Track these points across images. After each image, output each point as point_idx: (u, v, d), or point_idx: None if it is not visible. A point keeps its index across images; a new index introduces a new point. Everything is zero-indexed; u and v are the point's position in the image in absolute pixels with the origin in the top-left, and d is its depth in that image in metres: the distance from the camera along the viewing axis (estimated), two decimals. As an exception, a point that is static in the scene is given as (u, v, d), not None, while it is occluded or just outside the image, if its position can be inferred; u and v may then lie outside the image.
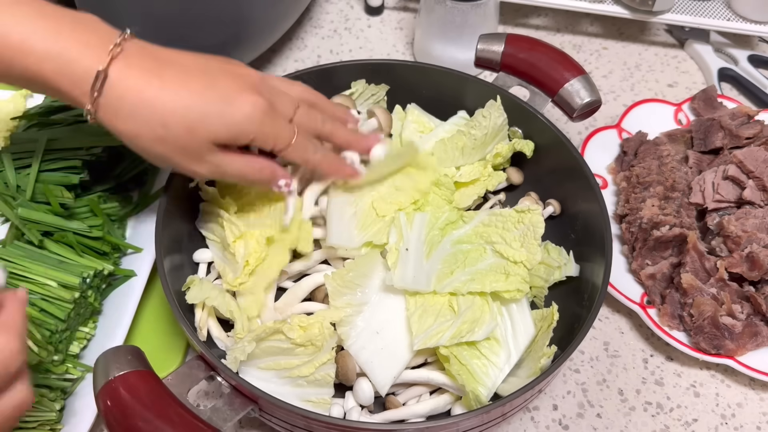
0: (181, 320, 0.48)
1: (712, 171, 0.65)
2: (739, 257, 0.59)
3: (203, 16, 0.66)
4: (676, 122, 0.74)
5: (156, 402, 0.41)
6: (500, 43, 0.63)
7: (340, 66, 0.64)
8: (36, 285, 0.53)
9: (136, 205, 0.64)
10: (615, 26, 0.88)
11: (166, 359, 0.58)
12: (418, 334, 0.50)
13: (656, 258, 0.63)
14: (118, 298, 0.59)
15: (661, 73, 0.84)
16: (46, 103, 0.67)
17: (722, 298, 0.59)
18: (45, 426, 0.52)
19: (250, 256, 0.53)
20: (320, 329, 0.49)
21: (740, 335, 0.58)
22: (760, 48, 0.86)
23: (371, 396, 0.51)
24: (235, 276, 0.53)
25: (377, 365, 0.51)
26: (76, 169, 0.59)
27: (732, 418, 0.58)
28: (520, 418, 0.58)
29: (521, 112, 0.62)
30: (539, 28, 0.88)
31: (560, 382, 0.60)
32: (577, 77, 0.60)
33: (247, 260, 0.53)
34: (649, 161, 0.67)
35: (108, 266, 0.57)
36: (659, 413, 0.58)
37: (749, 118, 0.69)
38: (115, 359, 0.42)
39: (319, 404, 0.50)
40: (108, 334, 0.56)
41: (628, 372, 0.60)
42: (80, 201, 0.59)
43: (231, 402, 0.46)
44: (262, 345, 0.50)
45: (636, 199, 0.65)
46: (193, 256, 0.58)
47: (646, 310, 0.60)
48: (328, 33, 0.87)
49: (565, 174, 0.59)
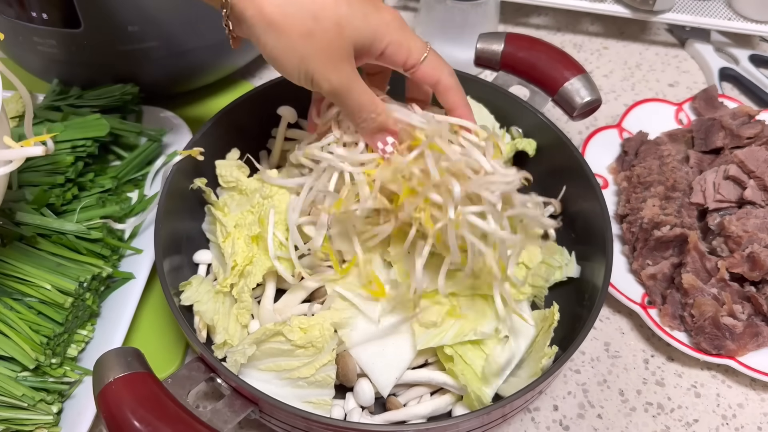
0: (181, 322, 0.48)
1: (713, 171, 0.65)
2: (740, 257, 0.59)
3: (203, 16, 0.65)
4: (677, 122, 0.74)
5: (156, 404, 0.41)
6: (500, 42, 0.62)
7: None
8: (33, 288, 0.53)
9: (135, 206, 0.64)
10: (616, 26, 0.88)
11: (166, 360, 0.58)
12: (420, 334, 0.50)
13: (657, 258, 0.62)
14: (117, 300, 0.58)
15: (661, 73, 0.84)
16: (45, 103, 0.67)
17: (723, 298, 0.58)
18: (42, 429, 0.52)
19: (236, 255, 0.53)
20: (321, 331, 0.49)
21: (741, 335, 0.58)
22: (761, 47, 0.86)
23: (372, 397, 0.51)
24: (225, 276, 0.53)
25: (379, 366, 0.51)
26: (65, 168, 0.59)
27: (733, 419, 0.58)
28: (521, 418, 0.57)
29: (521, 112, 0.62)
30: (540, 28, 0.88)
31: (561, 383, 0.59)
32: (577, 76, 0.60)
33: (234, 260, 0.52)
34: (649, 161, 0.67)
35: (107, 268, 0.57)
36: (660, 414, 0.58)
37: (750, 118, 0.69)
38: (114, 361, 0.42)
39: (319, 405, 0.50)
40: (106, 336, 0.56)
41: (628, 372, 0.60)
42: (78, 202, 0.59)
43: (231, 404, 0.45)
44: (262, 347, 0.50)
45: (637, 199, 0.65)
46: (193, 257, 0.58)
47: (647, 311, 0.60)
48: (328, 32, 0.87)
49: (565, 174, 0.59)
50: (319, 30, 0.44)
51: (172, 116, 0.70)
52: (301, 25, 0.43)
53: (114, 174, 0.63)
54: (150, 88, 0.70)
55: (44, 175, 0.59)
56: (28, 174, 0.59)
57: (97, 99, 0.67)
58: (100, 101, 0.67)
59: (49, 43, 0.65)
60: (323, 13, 0.43)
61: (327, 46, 0.44)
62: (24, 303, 0.53)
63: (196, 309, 0.52)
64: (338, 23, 0.44)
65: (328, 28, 0.44)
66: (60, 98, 0.67)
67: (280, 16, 0.43)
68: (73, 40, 0.64)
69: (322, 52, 0.45)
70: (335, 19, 0.44)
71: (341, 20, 0.44)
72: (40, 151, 0.42)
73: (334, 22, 0.44)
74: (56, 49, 0.65)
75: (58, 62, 0.67)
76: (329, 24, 0.44)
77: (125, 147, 0.66)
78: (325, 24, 0.44)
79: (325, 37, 0.44)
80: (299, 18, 0.43)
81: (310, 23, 0.43)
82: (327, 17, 0.44)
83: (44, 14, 0.63)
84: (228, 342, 0.51)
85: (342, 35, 0.44)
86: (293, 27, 0.44)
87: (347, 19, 0.44)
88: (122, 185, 0.64)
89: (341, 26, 0.44)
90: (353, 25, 0.45)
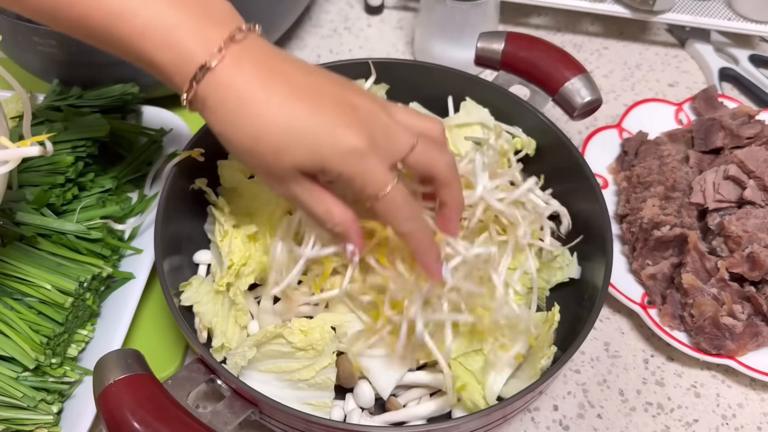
0: (180, 322, 0.48)
1: (713, 171, 0.65)
2: (739, 257, 0.59)
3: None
4: (677, 122, 0.74)
5: (156, 406, 0.41)
6: (500, 42, 0.62)
7: (340, 65, 0.64)
8: (33, 288, 0.53)
9: (135, 206, 0.64)
10: (615, 26, 0.88)
11: (166, 361, 0.58)
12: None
13: (657, 258, 0.62)
14: (117, 300, 0.58)
15: (661, 73, 0.84)
16: (45, 103, 0.67)
17: (723, 298, 0.58)
18: (42, 429, 0.52)
19: (233, 254, 0.52)
20: (321, 333, 0.49)
21: (741, 335, 0.58)
22: (761, 47, 0.86)
23: (372, 399, 0.51)
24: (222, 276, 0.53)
25: (379, 368, 0.51)
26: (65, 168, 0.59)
27: (733, 419, 0.58)
28: (521, 419, 0.57)
29: (522, 112, 0.62)
30: (539, 28, 0.88)
31: (561, 383, 0.59)
32: (578, 76, 0.60)
33: (231, 258, 0.52)
34: (649, 161, 0.67)
35: (107, 268, 0.57)
36: (660, 414, 0.58)
37: (750, 118, 0.69)
38: (115, 363, 0.42)
39: (319, 407, 0.50)
40: (106, 336, 0.56)
41: (628, 372, 0.60)
42: (79, 202, 0.59)
43: (231, 405, 0.45)
44: (262, 348, 0.50)
45: (636, 199, 0.65)
46: (194, 258, 0.58)
47: (647, 311, 0.60)
48: (328, 32, 0.87)
49: (565, 174, 0.59)
50: (258, 152, 0.43)
51: (172, 116, 0.70)
52: (241, 142, 0.43)
53: (114, 174, 0.63)
54: (150, 88, 0.70)
55: (44, 175, 0.59)
56: (28, 174, 0.59)
57: (97, 99, 0.67)
58: (100, 101, 0.67)
59: (49, 43, 0.65)
60: (265, 137, 0.42)
61: (267, 166, 0.44)
62: (24, 303, 0.53)
63: (196, 310, 0.52)
64: (278, 149, 0.42)
65: (267, 153, 0.43)
66: (60, 98, 0.67)
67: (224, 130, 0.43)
68: (73, 40, 0.64)
69: (262, 169, 0.44)
70: (275, 146, 0.42)
71: (281, 147, 0.42)
72: (36, 151, 0.41)
73: (273, 147, 0.42)
74: (56, 49, 0.65)
75: (58, 62, 0.67)
76: (269, 149, 0.42)
77: (125, 147, 0.66)
78: (264, 148, 0.42)
79: (264, 159, 0.43)
80: (240, 137, 0.43)
81: (249, 143, 0.43)
82: (268, 142, 0.42)
83: (44, 14, 0.62)
84: (226, 345, 0.51)
85: (281, 161, 0.43)
86: (235, 141, 0.43)
87: (289, 147, 0.42)
88: (122, 185, 0.64)
89: (280, 152, 0.42)
90: (295, 154, 0.42)
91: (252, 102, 0.42)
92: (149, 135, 0.67)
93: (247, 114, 0.42)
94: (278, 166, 0.43)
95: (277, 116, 0.42)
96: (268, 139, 0.42)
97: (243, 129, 0.42)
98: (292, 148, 0.42)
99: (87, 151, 0.61)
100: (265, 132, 0.42)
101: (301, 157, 0.42)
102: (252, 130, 0.42)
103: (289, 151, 0.42)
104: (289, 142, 0.42)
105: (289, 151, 0.42)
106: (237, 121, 0.42)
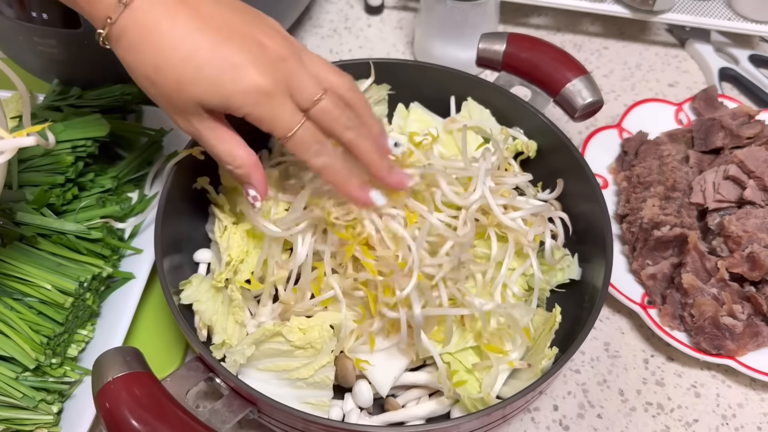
0: (180, 321, 0.48)
1: (713, 171, 0.65)
2: (739, 257, 0.59)
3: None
4: (677, 122, 0.74)
5: (154, 404, 0.41)
6: (502, 43, 0.62)
7: (340, 66, 0.63)
8: (33, 288, 0.53)
9: (135, 205, 0.64)
10: (616, 26, 0.88)
11: (166, 360, 0.58)
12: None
13: (657, 258, 0.62)
14: (117, 300, 0.58)
15: (661, 73, 0.84)
16: (45, 103, 0.67)
17: (723, 298, 0.58)
18: (42, 429, 0.52)
19: (231, 250, 0.53)
20: (320, 332, 0.49)
21: (741, 335, 0.57)
22: (761, 47, 0.86)
23: (370, 398, 0.51)
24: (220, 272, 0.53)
25: (377, 367, 0.51)
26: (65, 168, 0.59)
27: (733, 419, 0.58)
28: (521, 419, 0.57)
29: (523, 112, 0.62)
30: (539, 28, 0.88)
31: (561, 383, 0.59)
32: (579, 77, 0.60)
33: (229, 254, 0.52)
34: (649, 161, 0.67)
35: (107, 268, 0.57)
36: (660, 414, 0.58)
37: (750, 118, 0.69)
38: (113, 360, 0.42)
39: (318, 406, 0.50)
40: (107, 336, 0.56)
41: (628, 372, 0.60)
42: (79, 202, 0.59)
43: (230, 404, 0.45)
44: (261, 347, 0.50)
45: (637, 199, 0.65)
46: (194, 256, 0.58)
47: (647, 311, 0.60)
48: (328, 32, 0.87)
49: (565, 174, 0.59)
50: (159, 81, 0.43)
51: (172, 116, 0.70)
52: (143, 72, 0.43)
53: (114, 174, 0.63)
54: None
55: (44, 175, 0.59)
56: (28, 174, 0.59)
57: (97, 99, 0.67)
58: (100, 101, 0.67)
59: (49, 43, 0.65)
60: (165, 66, 0.42)
61: (168, 98, 0.43)
62: (24, 303, 0.53)
63: (196, 308, 0.52)
64: (178, 81, 0.42)
65: (168, 84, 0.43)
66: (60, 98, 0.67)
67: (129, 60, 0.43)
68: (73, 40, 0.64)
69: (164, 101, 0.44)
70: (176, 76, 0.42)
71: (182, 79, 0.42)
72: (32, 141, 0.40)
73: (174, 78, 0.42)
74: (56, 49, 0.65)
75: (58, 62, 0.67)
76: (169, 79, 0.42)
77: (125, 147, 0.66)
78: (165, 77, 0.42)
79: (164, 90, 0.43)
80: (143, 66, 0.43)
81: (151, 72, 0.43)
82: (168, 71, 0.42)
83: (44, 14, 0.63)
84: (227, 342, 0.51)
85: (182, 93, 0.43)
86: (139, 71, 0.43)
87: (190, 79, 0.42)
88: (122, 185, 0.64)
89: (181, 84, 0.42)
90: (197, 88, 0.42)
91: (156, 31, 0.42)
92: (149, 135, 0.67)
93: (149, 43, 0.42)
94: (179, 98, 0.43)
95: (180, 46, 0.42)
96: (170, 68, 0.42)
97: (145, 58, 0.42)
98: (193, 79, 0.42)
99: (87, 151, 0.61)
100: (167, 61, 0.42)
101: (202, 91, 0.42)
102: (154, 58, 0.42)
103: (190, 82, 0.42)
104: (190, 73, 0.42)
105: (191, 84, 0.42)
106: (140, 51, 0.42)
